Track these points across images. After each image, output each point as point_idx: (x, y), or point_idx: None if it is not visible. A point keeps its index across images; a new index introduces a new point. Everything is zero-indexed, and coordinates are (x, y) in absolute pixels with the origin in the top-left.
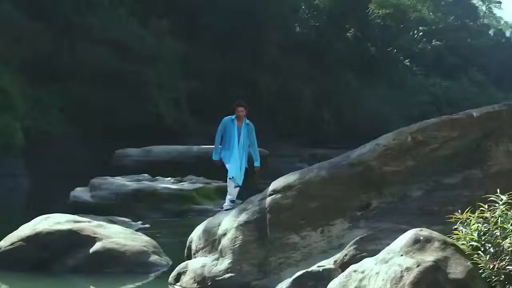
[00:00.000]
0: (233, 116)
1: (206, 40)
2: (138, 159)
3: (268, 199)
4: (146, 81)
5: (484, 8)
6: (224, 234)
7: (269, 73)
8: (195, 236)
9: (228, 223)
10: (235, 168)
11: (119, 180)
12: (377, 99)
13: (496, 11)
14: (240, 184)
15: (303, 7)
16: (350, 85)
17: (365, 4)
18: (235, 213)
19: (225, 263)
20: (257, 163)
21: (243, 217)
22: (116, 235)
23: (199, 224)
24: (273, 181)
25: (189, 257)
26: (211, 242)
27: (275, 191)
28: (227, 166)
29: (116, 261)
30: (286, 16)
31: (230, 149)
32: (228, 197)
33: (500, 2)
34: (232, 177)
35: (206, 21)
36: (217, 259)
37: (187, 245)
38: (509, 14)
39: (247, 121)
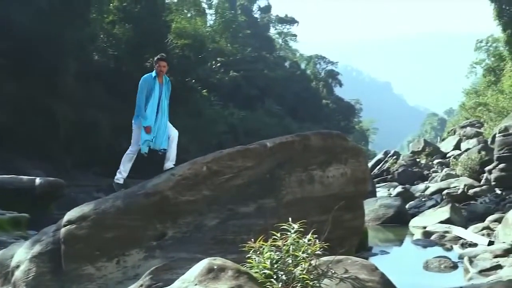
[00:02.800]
0: (154, 73)
1: (0, 66)
2: None
3: (63, 230)
4: None
5: (280, 41)
6: (18, 266)
7: (66, 102)
8: None
9: (21, 255)
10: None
11: None
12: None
13: (292, 43)
14: (166, 147)
15: (101, 35)
16: None
17: (164, 34)
18: (29, 244)
19: None
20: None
21: (37, 248)
22: None
23: None
24: (69, 211)
25: None
26: (4, 275)
27: (70, 222)
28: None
29: None
30: (83, 44)
31: (150, 113)
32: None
33: (295, 35)
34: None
35: (0, 47)
36: None
37: None
38: (304, 47)
39: (167, 77)
